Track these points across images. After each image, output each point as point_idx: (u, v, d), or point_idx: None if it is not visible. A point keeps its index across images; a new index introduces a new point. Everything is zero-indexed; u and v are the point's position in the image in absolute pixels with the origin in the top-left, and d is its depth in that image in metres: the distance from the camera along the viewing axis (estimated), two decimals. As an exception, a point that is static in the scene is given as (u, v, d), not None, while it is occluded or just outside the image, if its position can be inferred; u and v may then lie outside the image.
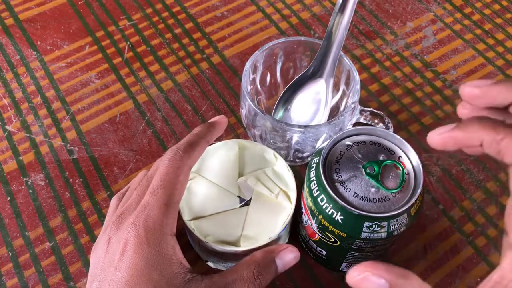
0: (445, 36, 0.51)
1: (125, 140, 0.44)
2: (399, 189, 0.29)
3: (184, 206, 0.33)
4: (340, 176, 0.29)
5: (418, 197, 0.29)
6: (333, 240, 0.31)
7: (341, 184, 0.29)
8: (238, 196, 0.34)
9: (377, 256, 0.34)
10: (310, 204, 0.31)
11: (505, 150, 0.22)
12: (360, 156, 0.30)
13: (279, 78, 0.42)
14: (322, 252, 0.34)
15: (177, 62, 0.49)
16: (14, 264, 0.37)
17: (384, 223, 0.28)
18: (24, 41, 0.50)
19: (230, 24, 0.52)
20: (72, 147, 0.43)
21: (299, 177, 0.41)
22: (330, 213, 0.29)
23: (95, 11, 0.52)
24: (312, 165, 0.31)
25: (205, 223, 0.33)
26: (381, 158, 0.30)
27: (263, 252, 0.30)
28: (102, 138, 0.44)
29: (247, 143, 0.36)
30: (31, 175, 0.41)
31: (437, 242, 0.39)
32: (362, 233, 0.29)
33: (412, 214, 0.29)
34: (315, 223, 0.31)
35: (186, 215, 0.33)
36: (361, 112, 0.38)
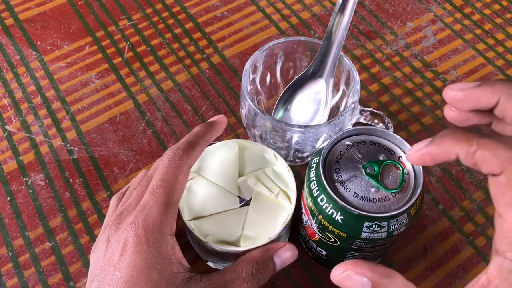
0: (445, 36, 0.51)
1: (125, 140, 0.44)
2: (399, 189, 0.29)
3: (184, 206, 0.33)
4: (340, 176, 0.29)
5: (418, 197, 0.29)
6: (333, 240, 0.31)
7: (341, 184, 0.29)
8: (238, 196, 0.34)
9: (377, 256, 0.34)
10: (310, 204, 0.31)
11: (480, 162, 0.22)
12: (360, 156, 0.30)
13: (279, 78, 0.42)
14: (322, 252, 0.34)
15: (177, 62, 0.49)
16: (14, 264, 0.37)
17: (384, 223, 0.28)
18: (24, 41, 0.50)
19: (230, 24, 0.52)
20: (72, 147, 0.43)
21: (299, 177, 0.41)
22: (330, 213, 0.29)
23: (95, 11, 0.52)
24: (312, 165, 0.31)
25: (205, 223, 0.33)
26: (381, 158, 0.30)
27: (261, 250, 0.31)
28: (102, 138, 0.44)
29: (247, 143, 0.36)
30: (31, 175, 0.41)
31: (437, 242, 0.39)
32: (362, 233, 0.29)
33: (412, 214, 0.29)
34: (315, 223, 0.31)
35: (186, 215, 0.33)
36: (361, 112, 0.38)
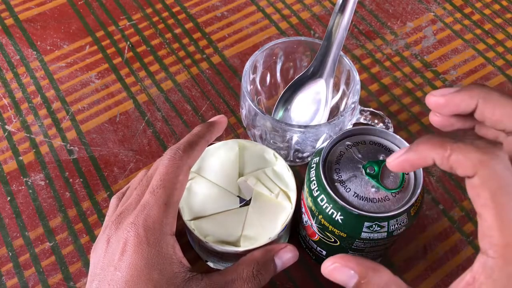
0: (445, 36, 0.51)
1: (125, 140, 0.44)
2: (399, 189, 0.29)
3: (184, 206, 0.33)
4: (340, 176, 0.29)
5: (418, 197, 0.29)
6: (333, 240, 0.31)
7: (341, 184, 0.29)
8: (238, 196, 0.34)
9: (377, 256, 0.34)
10: (310, 204, 0.31)
11: (455, 165, 0.22)
12: (360, 156, 0.30)
13: (279, 78, 0.42)
14: (322, 252, 0.34)
15: (177, 62, 0.49)
16: (14, 264, 0.37)
17: (384, 223, 0.28)
18: (24, 41, 0.50)
19: (230, 24, 0.52)
20: (72, 147, 0.43)
21: (299, 177, 0.41)
22: (330, 213, 0.29)
23: (95, 11, 0.52)
24: (312, 165, 0.31)
25: (205, 223, 0.33)
26: (381, 158, 0.30)
27: (262, 251, 0.31)
28: (102, 138, 0.44)
29: (247, 143, 0.36)
30: (31, 175, 0.41)
31: (437, 242, 0.39)
32: (362, 233, 0.29)
33: (412, 214, 0.29)
34: (315, 223, 0.31)
35: (186, 215, 0.33)
36: (361, 112, 0.38)
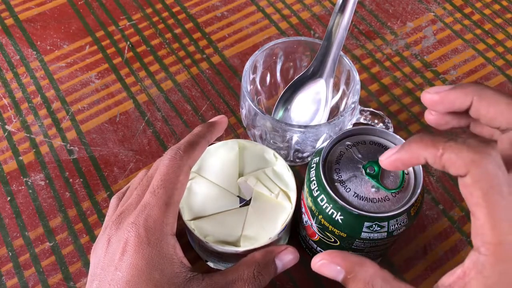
0: (445, 36, 0.51)
1: (125, 140, 0.44)
2: (399, 189, 0.29)
3: (184, 206, 0.33)
4: (340, 176, 0.29)
5: (418, 197, 0.29)
6: (333, 240, 0.31)
7: (341, 184, 0.29)
8: (238, 196, 0.34)
9: (377, 256, 0.34)
10: (310, 204, 0.31)
11: (448, 164, 0.22)
12: (360, 156, 0.30)
13: (279, 78, 0.42)
14: (322, 252, 0.34)
15: (177, 62, 0.49)
16: (14, 264, 0.37)
17: (384, 223, 0.28)
18: (24, 41, 0.50)
19: (230, 24, 0.52)
20: (72, 147, 0.43)
21: (299, 177, 0.41)
22: (330, 213, 0.29)
23: (95, 11, 0.52)
24: (312, 165, 0.31)
25: (205, 223, 0.33)
26: (381, 158, 0.30)
27: (263, 253, 0.31)
28: (102, 138, 0.44)
29: (247, 143, 0.36)
30: (31, 175, 0.41)
31: (437, 242, 0.39)
32: (362, 233, 0.29)
33: (412, 214, 0.29)
34: (315, 223, 0.31)
35: (186, 215, 0.33)
36: (361, 112, 0.38)
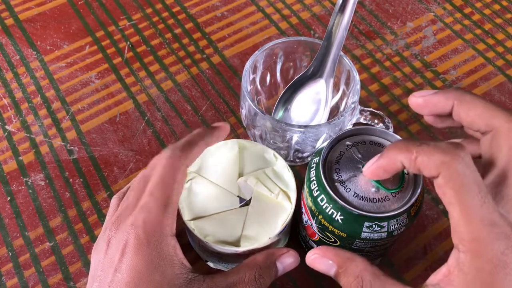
0: (445, 36, 0.51)
1: (125, 140, 0.44)
2: (399, 189, 0.29)
3: (184, 206, 0.33)
4: (340, 176, 0.29)
5: (418, 197, 0.29)
6: (333, 240, 0.31)
7: (341, 184, 0.29)
8: (238, 196, 0.34)
9: (377, 256, 0.34)
10: (310, 204, 0.31)
11: (422, 167, 0.23)
12: (360, 156, 0.30)
13: (279, 78, 0.42)
14: (322, 252, 0.34)
15: (177, 62, 0.49)
16: (14, 264, 0.37)
17: (384, 223, 0.28)
18: (24, 41, 0.50)
19: (230, 24, 0.52)
20: (72, 147, 0.43)
21: (299, 177, 0.41)
22: (330, 213, 0.29)
23: (95, 11, 0.52)
24: (312, 165, 0.31)
25: (205, 223, 0.33)
26: (381, 158, 0.30)
27: (265, 255, 0.31)
28: (102, 138, 0.44)
29: (247, 143, 0.36)
30: (31, 175, 0.41)
31: (437, 242, 0.39)
32: (362, 233, 0.29)
33: (412, 214, 0.29)
34: (315, 223, 0.31)
35: (186, 215, 0.33)
36: (361, 112, 0.38)
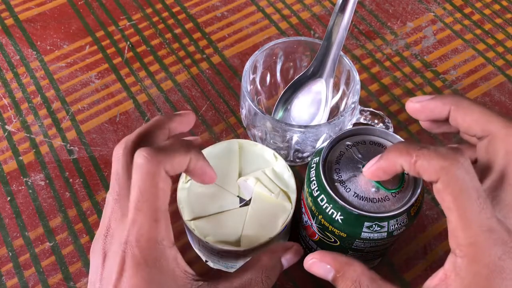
0: (445, 36, 0.51)
1: (125, 140, 0.43)
2: (399, 189, 0.29)
3: (184, 206, 0.33)
4: (340, 176, 0.29)
5: (418, 197, 0.29)
6: (333, 240, 0.31)
7: (341, 184, 0.29)
8: (238, 196, 0.34)
9: (377, 256, 0.34)
10: (310, 204, 0.31)
11: (422, 171, 0.23)
12: (360, 156, 0.30)
13: (279, 78, 0.42)
14: (322, 252, 0.34)
15: (177, 62, 0.49)
16: (14, 264, 0.37)
17: (384, 223, 0.28)
18: (24, 41, 0.50)
19: (230, 24, 0.52)
20: (72, 147, 0.43)
21: (299, 177, 0.41)
22: (330, 213, 0.29)
23: (95, 11, 0.52)
24: (312, 165, 0.31)
25: (205, 223, 0.33)
26: (381, 158, 0.30)
27: (269, 255, 0.30)
28: (102, 138, 0.44)
29: (247, 143, 0.36)
30: (31, 175, 0.41)
31: (437, 242, 0.39)
32: (362, 233, 0.29)
33: (412, 214, 0.29)
34: (315, 223, 0.31)
35: (186, 215, 0.33)
36: (361, 112, 0.38)
